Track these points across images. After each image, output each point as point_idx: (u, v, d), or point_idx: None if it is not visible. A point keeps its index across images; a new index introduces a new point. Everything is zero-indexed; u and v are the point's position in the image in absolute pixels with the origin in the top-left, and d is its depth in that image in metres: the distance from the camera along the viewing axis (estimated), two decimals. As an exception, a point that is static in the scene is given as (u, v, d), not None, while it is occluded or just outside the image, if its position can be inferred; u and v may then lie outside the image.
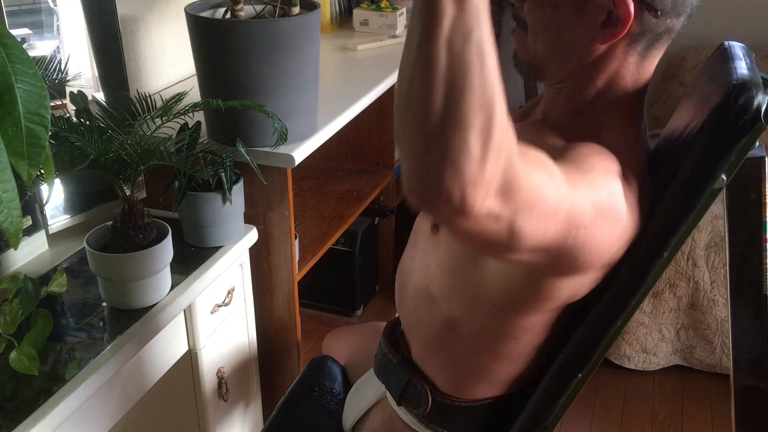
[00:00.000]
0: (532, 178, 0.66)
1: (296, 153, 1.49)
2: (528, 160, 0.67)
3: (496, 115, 0.59)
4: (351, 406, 1.24)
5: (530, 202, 0.66)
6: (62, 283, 1.24)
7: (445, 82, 0.58)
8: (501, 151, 0.60)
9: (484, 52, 0.58)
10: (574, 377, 0.96)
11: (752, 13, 2.67)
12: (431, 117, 0.59)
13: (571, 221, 0.74)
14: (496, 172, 0.61)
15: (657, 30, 0.86)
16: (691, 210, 0.86)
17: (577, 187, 0.75)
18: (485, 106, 0.59)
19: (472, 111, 0.58)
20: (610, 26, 0.85)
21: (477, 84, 0.58)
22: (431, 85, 0.59)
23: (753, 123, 0.81)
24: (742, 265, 0.98)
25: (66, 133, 1.17)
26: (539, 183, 0.68)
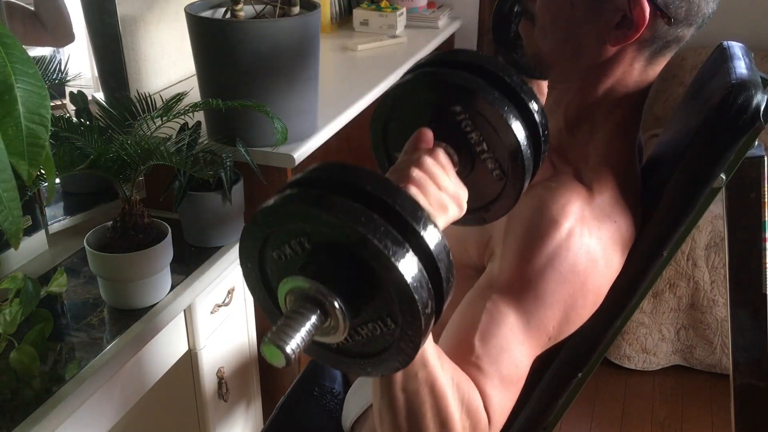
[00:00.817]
0: (511, 390, 0.80)
1: (296, 153, 1.49)
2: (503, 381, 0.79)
3: (454, 422, 0.73)
4: (350, 406, 1.24)
5: (522, 379, 0.81)
6: (62, 283, 1.24)
7: (405, 414, 0.73)
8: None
9: (434, 386, 0.71)
10: (573, 377, 0.96)
11: (752, 13, 2.67)
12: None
13: (559, 334, 0.84)
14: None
15: (667, 38, 0.85)
16: (690, 209, 0.86)
17: (538, 314, 0.81)
18: (444, 425, 0.73)
19: (432, 429, 0.73)
20: (623, 29, 0.84)
21: (432, 411, 0.72)
22: (396, 418, 0.73)
23: (752, 122, 0.81)
24: (741, 265, 0.98)
25: (66, 133, 1.17)
26: (519, 379, 0.81)
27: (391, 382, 0.72)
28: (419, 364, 0.70)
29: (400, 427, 0.74)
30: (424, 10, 2.65)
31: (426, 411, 0.72)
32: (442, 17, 2.62)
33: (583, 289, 0.83)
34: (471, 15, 2.82)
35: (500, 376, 0.79)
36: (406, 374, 0.71)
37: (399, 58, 2.15)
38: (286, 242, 0.60)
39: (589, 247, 0.83)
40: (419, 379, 0.71)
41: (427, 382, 0.71)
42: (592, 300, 0.85)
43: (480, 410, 0.76)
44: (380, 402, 0.74)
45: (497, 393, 0.78)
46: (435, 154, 0.71)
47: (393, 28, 2.44)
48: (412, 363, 0.66)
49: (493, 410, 0.78)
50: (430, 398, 0.72)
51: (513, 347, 0.80)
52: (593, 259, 0.83)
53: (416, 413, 0.72)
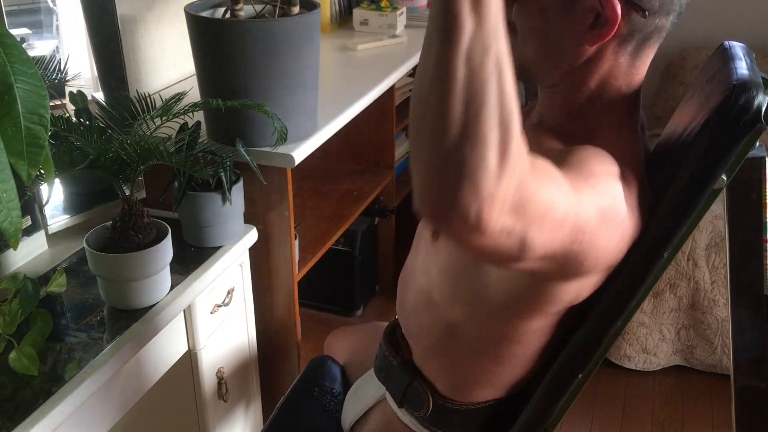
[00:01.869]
0: (542, 190, 0.66)
1: (296, 153, 1.49)
2: (537, 170, 0.66)
3: (513, 131, 0.59)
4: (350, 407, 1.24)
5: (541, 214, 0.66)
6: (62, 283, 1.23)
7: (463, 97, 0.58)
8: (516, 167, 0.60)
9: (502, 67, 0.58)
10: (574, 377, 0.96)
11: (752, 13, 2.67)
12: (449, 132, 0.58)
13: (577, 228, 0.74)
14: (511, 187, 0.60)
15: (646, 30, 0.86)
16: (691, 210, 0.86)
17: (581, 193, 0.75)
18: (503, 121, 0.58)
19: (490, 126, 0.58)
20: (597, 28, 0.84)
21: (495, 99, 0.58)
22: (450, 99, 0.58)
23: (753, 123, 0.81)
24: (742, 266, 0.98)
25: (66, 133, 1.17)
26: (549, 195, 0.67)
27: (454, 47, 0.58)
28: (493, 34, 0.58)
29: (451, 117, 0.58)
30: (424, 10, 2.65)
31: (489, 97, 0.58)
32: (443, 17, 2.61)
33: (616, 221, 0.81)
34: (471, 15, 2.81)
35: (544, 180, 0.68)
36: (476, 41, 0.57)
37: (399, 58, 2.15)
38: None
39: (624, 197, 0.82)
40: (490, 54, 0.58)
41: (497, 62, 0.58)
42: (611, 243, 0.82)
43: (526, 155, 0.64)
44: (428, 83, 0.59)
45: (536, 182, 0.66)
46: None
47: (393, 27, 2.43)
48: (486, 30, 0.57)
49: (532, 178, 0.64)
50: (498, 83, 0.58)
51: (560, 187, 0.70)
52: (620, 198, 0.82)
53: (477, 98, 0.58)
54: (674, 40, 2.73)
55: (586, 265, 0.81)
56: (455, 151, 0.58)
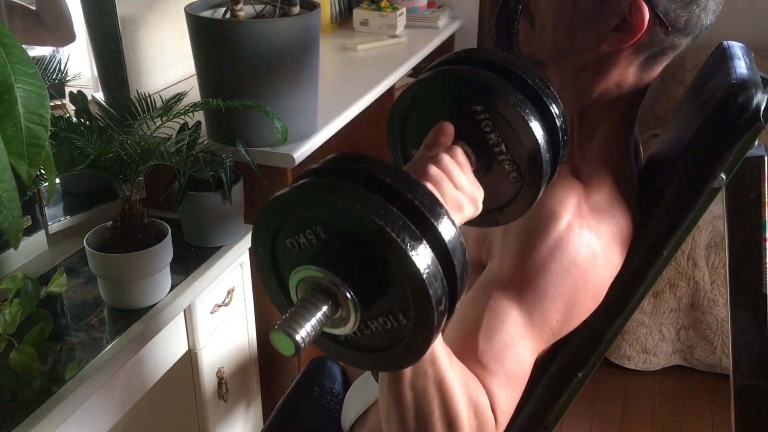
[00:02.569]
0: (513, 398, 0.79)
1: (296, 153, 1.49)
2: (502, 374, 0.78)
3: (462, 427, 0.72)
4: (349, 406, 1.24)
5: (525, 378, 0.81)
6: (62, 283, 1.23)
7: (414, 412, 0.72)
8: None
9: (442, 384, 0.71)
10: (574, 377, 0.96)
11: (752, 13, 2.67)
12: None
13: (561, 330, 0.84)
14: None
15: (663, 45, 0.85)
16: (690, 209, 0.86)
17: (540, 308, 0.81)
18: (451, 424, 0.72)
19: (440, 428, 0.72)
20: (620, 32, 0.84)
21: (439, 410, 0.71)
22: (404, 415, 0.72)
23: (752, 122, 0.81)
24: (741, 265, 0.98)
25: (66, 133, 1.17)
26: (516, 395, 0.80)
27: (400, 379, 0.71)
28: (428, 362, 0.69)
29: (408, 425, 0.73)
30: (424, 10, 2.65)
31: (434, 409, 0.72)
32: (442, 17, 2.62)
33: (584, 282, 0.83)
34: (471, 15, 2.82)
35: (505, 373, 0.78)
36: (415, 371, 0.70)
37: (399, 58, 2.15)
38: (300, 231, 0.59)
39: (589, 240, 0.83)
40: (428, 377, 0.70)
41: (435, 380, 0.71)
42: (593, 293, 0.85)
43: (487, 410, 0.76)
44: (387, 398, 0.74)
45: (503, 391, 0.78)
46: (453, 152, 0.70)
47: (393, 28, 2.44)
48: (422, 360, 0.66)
49: (499, 410, 0.77)
50: (439, 397, 0.71)
51: (517, 343, 0.80)
52: (593, 252, 0.83)
53: (424, 411, 0.72)
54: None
55: (578, 321, 0.87)
56: None
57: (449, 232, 0.58)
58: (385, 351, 0.61)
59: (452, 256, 0.58)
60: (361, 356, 0.63)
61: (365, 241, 0.56)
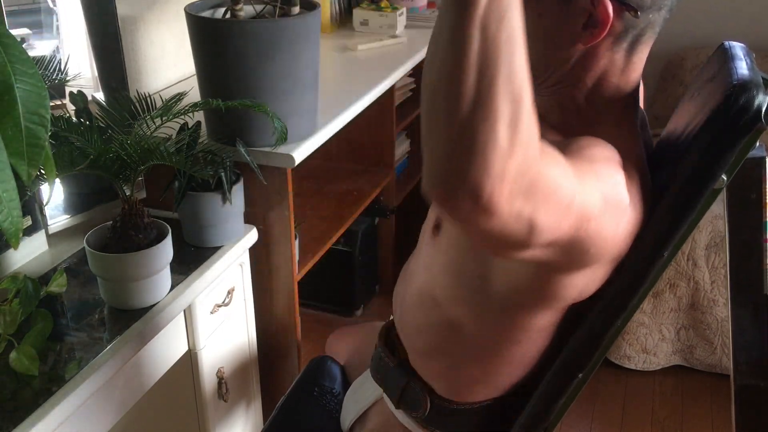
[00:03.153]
0: (550, 173, 0.64)
1: (296, 153, 1.49)
2: (545, 153, 0.65)
3: (524, 106, 0.58)
4: (349, 407, 1.24)
5: (549, 197, 0.64)
6: (62, 283, 1.23)
7: (477, 67, 0.57)
8: (527, 145, 0.59)
9: (516, 39, 0.58)
10: (574, 377, 0.96)
11: (752, 13, 2.67)
12: (461, 105, 0.57)
13: (582, 213, 0.72)
14: (521, 167, 0.59)
15: (639, 26, 0.86)
16: (691, 210, 0.86)
17: (585, 180, 0.74)
18: (514, 96, 0.58)
19: (502, 100, 0.57)
20: (590, 28, 0.85)
21: (508, 71, 0.57)
22: (463, 69, 0.57)
23: (753, 123, 0.81)
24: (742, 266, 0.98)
25: (66, 133, 1.17)
26: (556, 178, 0.66)
27: (469, 16, 0.56)
28: (507, 5, 0.57)
29: (465, 89, 0.57)
30: (424, 10, 2.65)
31: (502, 69, 0.57)
32: (443, 17, 2.61)
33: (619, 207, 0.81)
34: (471, 15, 2.81)
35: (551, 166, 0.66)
36: (491, 9, 0.57)
37: (399, 58, 2.15)
38: None
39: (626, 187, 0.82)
40: (504, 24, 0.57)
41: (510, 32, 0.58)
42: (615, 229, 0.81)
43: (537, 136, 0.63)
44: (443, 53, 0.58)
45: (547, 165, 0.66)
46: None
47: (393, 28, 2.43)
48: (501, 1, 0.57)
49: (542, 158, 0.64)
50: (510, 55, 0.57)
51: (566, 173, 0.69)
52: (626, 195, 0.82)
53: (490, 69, 0.57)
54: (674, 40, 2.73)
55: (591, 253, 0.80)
56: (467, 125, 0.57)
57: None
58: None
59: None
60: None
61: None
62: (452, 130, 0.58)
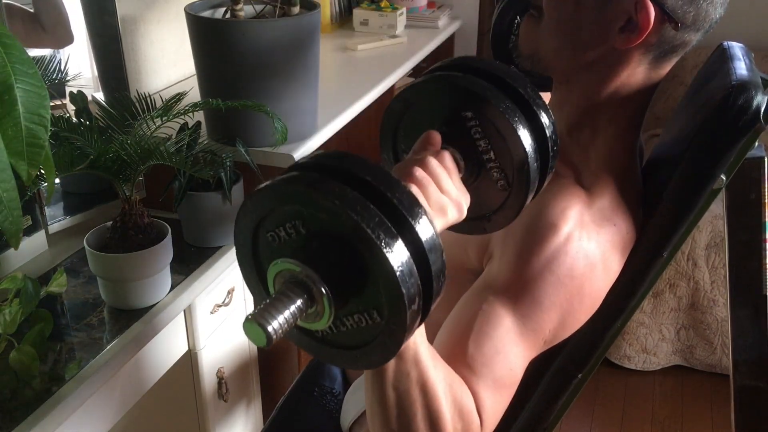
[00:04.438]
0: (496, 407, 0.79)
1: (296, 153, 1.49)
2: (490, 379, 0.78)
3: (446, 423, 0.73)
4: (349, 407, 1.24)
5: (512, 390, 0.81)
6: (62, 283, 1.23)
7: (396, 413, 0.72)
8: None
9: (425, 386, 0.71)
10: (574, 377, 0.96)
11: (752, 13, 2.67)
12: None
13: (546, 343, 0.84)
14: None
15: (673, 42, 0.84)
16: (690, 210, 0.86)
17: (534, 317, 0.81)
18: (434, 426, 0.72)
19: (423, 429, 0.72)
20: (627, 32, 0.83)
21: (422, 411, 0.72)
22: (387, 416, 0.73)
23: (752, 123, 0.81)
24: (741, 266, 0.98)
25: (66, 133, 1.17)
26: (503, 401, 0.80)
27: (383, 380, 0.71)
28: (411, 363, 0.70)
29: (391, 425, 0.73)
30: (424, 10, 2.65)
31: (417, 410, 0.72)
32: (442, 17, 2.61)
33: (580, 294, 0.83)
34: (471, 15, 2.82)
35: (494, 378, 0.79)
36: (398, 372, 0.70)
37: (399, 58, 2.15)
38: (281, 224, 0.60)
39: (587, 252, 0.83)
40: (411, 378, 0.70)
41: (418, 382, 0.71)
42: (588, 304, 0.85)
43: (472, 412, 0.76)
44: (371, 399, 0.74)
45: (490, 395, 0.78)
46: (441, 156, 0.71)
47: (393, 28, 2.43)
48: (404, 361, 0.68)
49: (485, 413, 0.77)
50: (421, 398, 0.71)
51: (508, 350, 0.80)
52: (591, 264, 0.83)
53: (407, 412, 0.72)
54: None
55: (572, 330, 0.87)
56: None
57: (427, 233, 0.58)
58: (360, 349, 0.62)
59: (428, 257, 0.58)
60: (337, 353, 0.64)
61: (343, 237, 0.57)
62: None
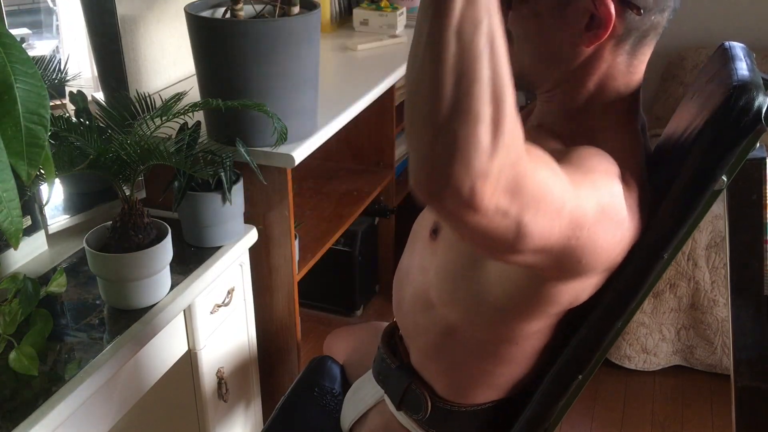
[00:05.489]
0: (538, 174, 0.65)
1: (296, 153, 1.49)
2: (534, 156, 0.66)
3: (506, 108, 0.59)
4: (349, 408, 1.24)
5: (537, 199, 0.65)
6: (62, 283, 1.23)
7: (454, 72, 0.57)
8: (510, 145, 0.59)
9: (494, 43, 0.58)
10: (574, 378, 0.96)
11: (752, 13, 2.67)
12: (441, 108, 0.58)
13: (575, 221, 0.73)
14: (505, 166, 0.60)
15: (642, 28, 0.86)
16: (691, 211, 0.86)
17: (581, 188, 0.74)
18: (495, 98, 0.58)
19: (482, 102, 0.58)
20: (593, 29, 0.84)
21: (487, 75, 0.58)
22: (441, 75, 0.58)
23: (754, 124, 0.81)
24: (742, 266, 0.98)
25: (66, 133, 1.17)
26: (545, 180, 0.66)
27: (445, 22, 0.57)
28: (484, 9, 0.57)
29: (443, 92, 0.58)
30: (425, 10, 2.65)
31: (481, 73, 0.58)
32: (443, 17, 2.61)
33: (617, 220, 0.81)
34: (471, 15, 2.81)
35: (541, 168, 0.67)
36: (467, 15, 0.57)
37: (399, 58, 2.15)
38: None
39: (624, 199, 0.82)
40: (481, 29, 0.57)
41: (489, 36, 0.58)
42: (611, 240, 0.81)
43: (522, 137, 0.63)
44: (420, 58, 0.59)
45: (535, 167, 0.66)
46: None
47: (393, 27, 2.43)
48: (476, 6, 0.57)
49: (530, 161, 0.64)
50: (489, 59, 0.58)
51: (559, 179, 0.70)
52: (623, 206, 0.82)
53: (468, 74, 0.57)
54: (674, 40, 2.73)
55: (584, 263, 0.80)
56: (447, 127, 0.58)
57: None
58: None
59: None
60: None
61: None
62: (433, 132, 0.59)
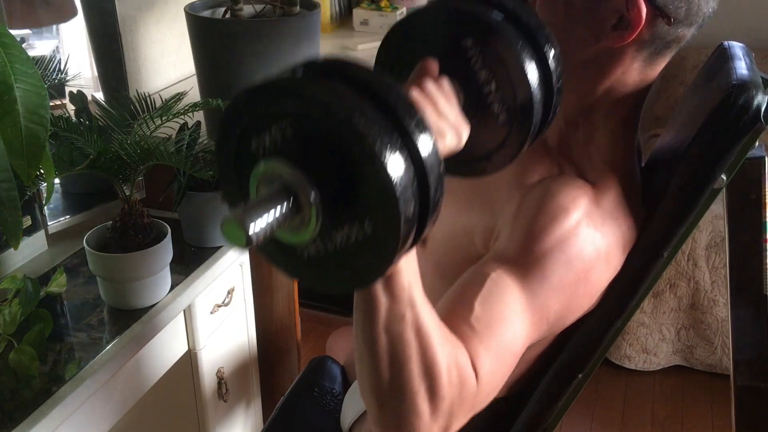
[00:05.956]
0: (495, 372, 0.74)
1: (296, 153, 1.49)
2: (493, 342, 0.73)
3: (440, 378, 0.66)
4: (349, 407, 1.24)
5: (511, 365, 0.76)
6: (62, 283, 1.23)
7: (388, 358, 0.66)
8: (453, 408, 0.69)
9: (420, 330, 0.65)
10: (574, 378, 0.96)
11: (752, 13, 2.67)
12: (380, 385, 0.67)
13: (547, 325, 0.81)
14: (452, 418, 0.69)
15: (667, 38, 0.84)
16: (690, 211, 0.86)
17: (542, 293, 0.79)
18: (428, 374, 0.66)
19: (415, 380, 0.66)
20: (619, 30, 0.83)
21: (417, 356, 0.66)
22: (377, 361, 0.67)
23: (753, 123, 0.81)
24: (742, 266, 0.98)
25: (65, 132, 1.17)
26: (516, 345, 0.77)
27: (374, 321, 0.65)
28: (406, 304, 0.65)
29: (380, 374, 0.66)
30: (425, 10, 2.65)
31: (411, 355, 0.66)
32: (443, 17, 2.61)
33: (586, 279, 0.82)
34: (471, 15, 2.82)
35: (496, 342, 0.74)
36: (391, 314, 0.65)
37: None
38: (267, 127, 0.55)
39: (594, 240, 0.82)
40: (405, 321, 0.65)
41: (413, 325, 0.65)
42: (591, 292, 0.85)
43: (468, 368, 0.71)
44: (360, 345, 0.68)
45: (489, 358, 0.73)
46: (440, 81, 0.67)
47: (393, 27, 2.43)
48: (399, 302, 0.64)
49: (482, 375, 0.72)
50: (416, 342, 0.66)
51: (514, 319, 0.77)
52: (598, 252, 0.83)
53: (399, 358, 0.66)
54: (674, 40, 2.73)
55: (570, 320, 0.86)
56: (389, 402, 0.68)
57: (425, 140, 0.53)
58: (348, 267, 0.57)
59: (425, 163, 0.53)
60: (324, 275, 0.59)
61: (334, 137, 0.52)
62: (378, 403, 0.69)
